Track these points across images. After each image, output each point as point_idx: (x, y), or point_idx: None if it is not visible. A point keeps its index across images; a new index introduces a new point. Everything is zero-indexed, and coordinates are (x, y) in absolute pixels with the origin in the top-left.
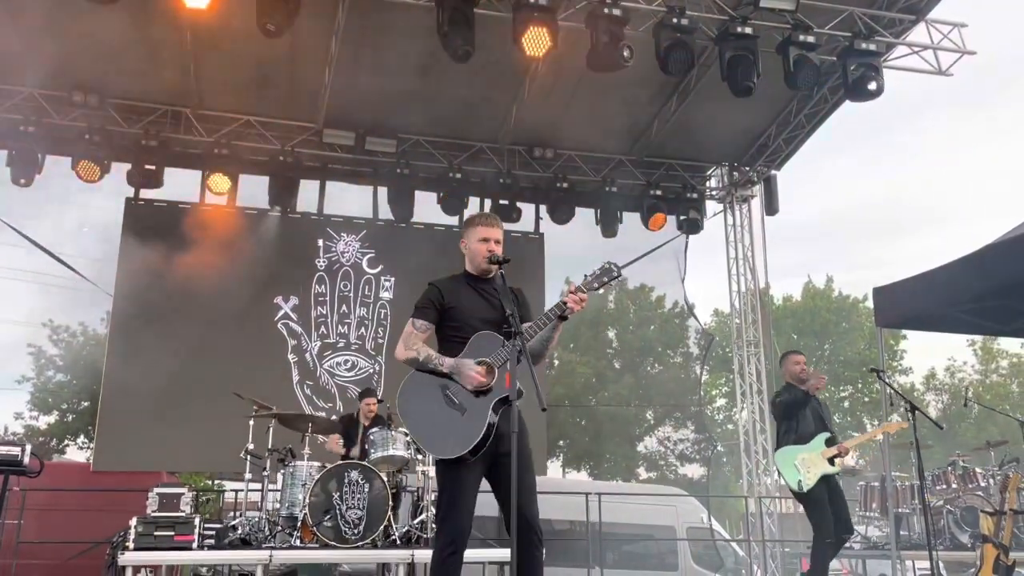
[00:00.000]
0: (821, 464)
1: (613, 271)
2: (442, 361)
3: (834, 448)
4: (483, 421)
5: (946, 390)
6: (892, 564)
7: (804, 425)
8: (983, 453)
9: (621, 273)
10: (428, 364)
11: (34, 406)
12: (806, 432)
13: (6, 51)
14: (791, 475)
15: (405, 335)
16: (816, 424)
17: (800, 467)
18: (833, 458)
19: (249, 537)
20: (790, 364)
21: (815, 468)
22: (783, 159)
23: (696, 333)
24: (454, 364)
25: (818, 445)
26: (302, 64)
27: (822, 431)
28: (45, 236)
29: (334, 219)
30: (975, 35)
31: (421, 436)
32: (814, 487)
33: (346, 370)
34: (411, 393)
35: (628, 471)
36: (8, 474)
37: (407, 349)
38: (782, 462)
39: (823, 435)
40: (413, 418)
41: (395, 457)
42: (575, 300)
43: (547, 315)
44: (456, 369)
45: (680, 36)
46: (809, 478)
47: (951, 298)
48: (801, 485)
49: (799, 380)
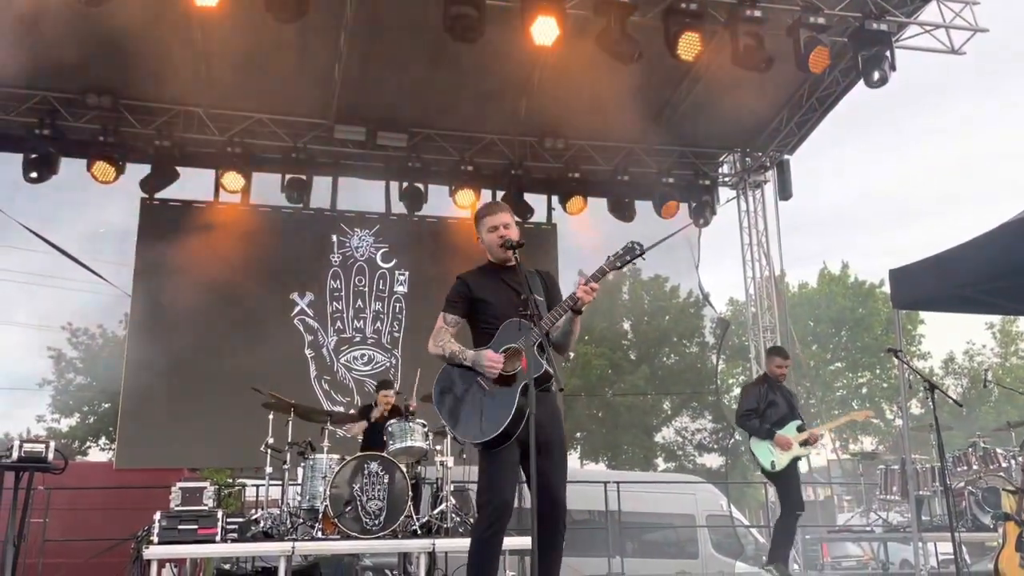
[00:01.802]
0: (793, 447)
1: (636, 249)
2: (465, 355)
3: (806, 433)
4: (512, 405)
5: (965, 373)
6: (914, 547)
7: (777, 411)
8: (1004, 434)
9: (645, 251)
10: (455, 360)
11: (55, 409)
12: (779, 418)
13: (20, 55)
14: (765, 456)
15: (436, 330)
16: (788, 411)
17: (774, 449)
18: (804, 442)
19: (271, 530)
20: (772, 365)
21: (788, 451)
22: (796, 143)
23: (712, 322)
24: (474, 356)
25: (790, 431)
26: (312, 60)
27: (793, 419)
28: (62, 239)
29: (347, 214)
30: (987, 12)
31: (454, 424)
32: (784, 467)
33: (363, 364)
34: (444, 386)
35: (646, 461)
36: (33, 471)
37: (435, 346)
38: (756, 444)
39: (795, 422)
40: (447, 409)
41: (414, 448)
42: (584, 291)
43: (560, 307)
44: (475, 362)
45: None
46: (782, 459)
47: (968, 278)
48: (774, 465)
49: (776, 379)
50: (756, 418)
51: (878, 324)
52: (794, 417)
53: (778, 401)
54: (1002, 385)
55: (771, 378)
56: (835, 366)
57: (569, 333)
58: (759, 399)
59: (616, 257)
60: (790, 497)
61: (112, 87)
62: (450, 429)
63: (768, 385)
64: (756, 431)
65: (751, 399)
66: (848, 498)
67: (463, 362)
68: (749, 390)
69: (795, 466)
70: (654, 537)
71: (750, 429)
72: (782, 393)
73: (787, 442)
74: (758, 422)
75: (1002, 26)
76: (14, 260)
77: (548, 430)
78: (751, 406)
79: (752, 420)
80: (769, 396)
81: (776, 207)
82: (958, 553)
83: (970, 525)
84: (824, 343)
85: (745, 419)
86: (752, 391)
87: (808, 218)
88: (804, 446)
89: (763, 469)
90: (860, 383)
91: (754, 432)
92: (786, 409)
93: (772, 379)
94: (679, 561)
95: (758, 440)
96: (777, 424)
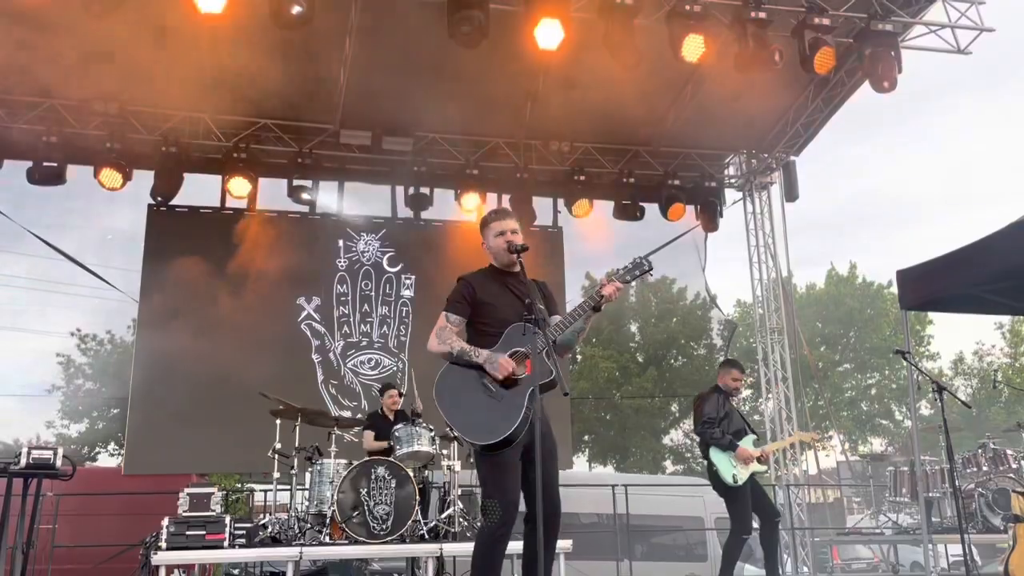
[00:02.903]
0: (752, 462)
1: (644, 265)
2: (478, 353)
3: (759, 450)
4: (520, 407)
5: (975, 374)
6: (924, 549)
7: (735, 424)
8: (1014, 435)
9: (652, 268)
10: (464, 357)
11: (64, 414)
12: (735, 430)
13: (26, 63)
14: (727, 469)
15: (438, 328)
16: (742, 425)
17: (735, 462)
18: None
19: (279, 535)
20: (728, 378)
21: (748, 465)
22: (801, 144)
23: (719, 324)
24: (488, 356)
25: (747, 444)
26: (317, 65)
27: (747, 433)
28: (70, 245)
29: (353, 219)
30: (993, 11)
31: (460, 425)
32: (744, 483)
33: (370, 369)
34: (448, 384)
35: (654, 464)
36: (41, 477)
37: (440, 343)
38: (717, 456)
39: (751, 436)
40: (451, 408)
41: (421, 453)
42: (612, 289)
43: (582, 307)
44: (489, 361)
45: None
46: (742, 473)
47: (976, 278)
48: (736, 479)
49: (730, 392)
50: (716, 427)
51: (887, 325)
52: (748, 432)
53: (732, 414)
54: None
55: (725, 390)
56: (844, 367)
57: (581, 331)
58: (718, 408)
59: (625, 271)
60: (742, 516)
61: (118, 94)
62: (454, 429)
63: (723, 397)
64: (718, 441)
65: (710, 407)
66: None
67: (474, 359)
68: (706, 398)
69: (752, 483)
70: (663, 540)
71: (711, 439)
72: (735, 407)
73: (748, 455)
74: (719, 432)
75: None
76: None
77: (546, 434)
78: (711, 415)
79: (713, 429)
80: (725, 407)
81: (783, 208)
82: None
83: (980, 527)
84: (832, 344)
85: (706, 427)
86: (710, 399)
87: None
88: (760, 462)
89: (721, 483)
90: (869, 384)
91: (715, 442)
92: (741, 423)
93: (726, 391)
94: (688, 564)
95: (719, 451)
96: (735, 436)
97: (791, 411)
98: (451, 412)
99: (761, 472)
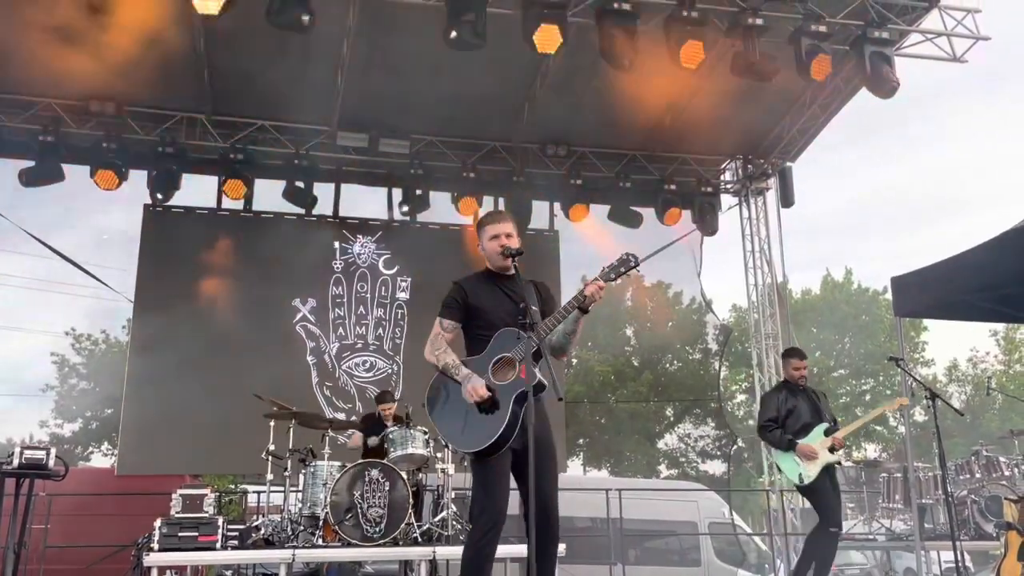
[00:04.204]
0: (822, 454)
1: (631, 261)
2: (459, 370)
3: (829, 440)
4: (505, 414)
5: (969, 381)
6: (916, 556)
7: (801, 419)
8: (1007, 442)
9: (639, 263)
10: (448, 372)
11: (58, 414)
12: (801, 425)
13: (23, 62)
14: (791, 469)
15: (432, 335)
16: (812, 415)
17: (799, 461)
18: (831, 448)
19: (272, 537)
20: (790, 368)
21: (814, 460)
22: (798, 150)
23: (714, 328)
24: (466, 376)
25: (817, 436)
26: (314, 67)
27: (819, 422)
28: (66, 245)
29: (349, 221)
30: (989, 20)
31: (447, 432)
32: (816, 478)
33: (364, 371)
34: (437, 392)
35: (649, 468)
36: (34, 478)
37: (432, 353)
38: (780, 456)
39: (822, 425)
40: (438, 416)
41: (415, 455)
42: (594, 289)
43: (566, 307)
44: (466, 382)
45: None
46: (811, 470)
47: (971, 285)
48: (802, 478)
49: (795, 383)
50: (776, 428)
51: (881, 331)
52: (820, 421)
53: (799, 407)
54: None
55: (790, 383)
56: (838, 373)
57: (572, 334)
58: (778, 407)
59: (611, 268)
60: (825, 508)
61: (115, 94)
62: (443, 437)
63: (787, 391)
64: (777, 443)
65: (769, 409)
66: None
67: (454, 377)
68: (767, 399)
69: (829, 477)
70: (656, 545)
71: (771, 441)
72: (805, 397)
73: (811, 451)
74: (779, 433)
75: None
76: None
77: (542, 439)
78: (770, 416)
79: (772, 432)
80: (789, 403)
81: (778, 214)
82: (960, 562)
83: (973, 534)
84: (827, 350)
85: (765, 431)
86: (770, 400)
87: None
88: (832, 452)
89: (794, 484)
90: (864, 390)
91: (775, 444)
92: (809, 415)
93: (792, 383)
94: (681, 569)
95: (781, 452)
96: (800, 432)
97: None
98: (438, 420)
99: (835, 462)
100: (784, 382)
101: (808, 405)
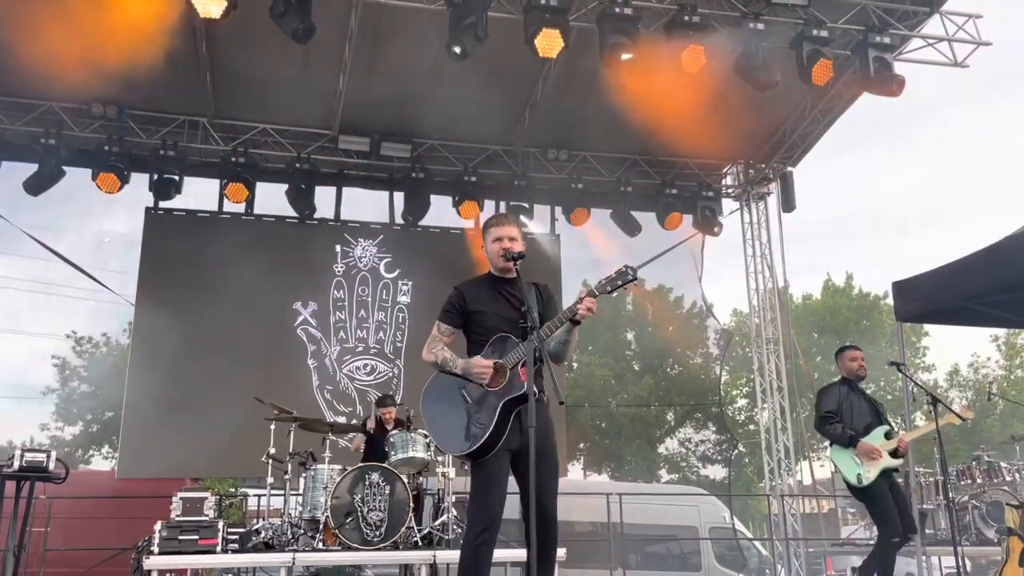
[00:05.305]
0: (883, 458)
1: (628, 274)
2: (456, 363)
3: (894, 441)
4: (492, 418)
5: (970, 386)
6: (917, 561)
7: (859, 418)
8: (1008, 447)
9: (637, 276)
10: (445, 367)
11: (59, 417)
12: (861, 425)
13: (25, 65)
14: (850, 469)
15: (430, 338)
16: (872, 417)
17: (859, 460)
18: (895, 452)
19: (272, 540)
20: (846, 361)
21: (876, 461)
22: (799, 155)
23: (715, 333)
24: (464, 365)
25: (877, 438)
26: (316, 71)
27: (879, 424)
28: (67, 248)
29: (351, 224)
30: (990, 25)
31: (436, 435)
32: (874, 481)
33: (365, 374)
34: (431, 395)
35: (649, 473)
36: (34, 480)
37: (428, 352)
38: (838, 455)
39: (883, 428)
40: (430, 418)
41: (415, 459)
42: (584, 308)
43: (559, 319)
44: (466, 370)
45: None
46: (870, 472)
47: (972, 291)
48: (860, 479)
49: (856, 376)
50: (837, 422)
51: (882, 336)
52: (881, 423)
53: (861, 405)
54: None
55: (850, 379)
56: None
57: (567, 343)
58: (839, 401)
59: (608, 281)
60: (884, 517)
61: (117, 97)
62: (433, 440)
63: (848, 387)
64: (837, 437)
65: (830, 401)
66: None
67: (453, 370)
68: (827, 391)
69: (889, 481)
70: (657, 549)
71: (830, 435)
72: (865, 397)
73: (874, 451)
74: (840, 427)
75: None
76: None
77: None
78: (830, 408)
79: (832, 424)
80: (850, 398)
81: (779, 218)
82: (961, 567)
83: (974, 539)
84: (828, 355)
85: (824, 423)
86: (831, 392)
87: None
88: (895, 456)
89: (848, 484)
90: None
91: (835, 439)
92: (871, 414)
93: (851, 380)
94: (682, 574)
95: (839, 450)
96: (863, 432)
97: (786, 421)
98: (430, 422)
99: (894, 467)
100: (843, 379)
101: (869, 405)
